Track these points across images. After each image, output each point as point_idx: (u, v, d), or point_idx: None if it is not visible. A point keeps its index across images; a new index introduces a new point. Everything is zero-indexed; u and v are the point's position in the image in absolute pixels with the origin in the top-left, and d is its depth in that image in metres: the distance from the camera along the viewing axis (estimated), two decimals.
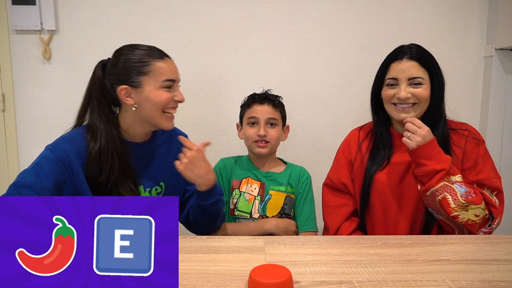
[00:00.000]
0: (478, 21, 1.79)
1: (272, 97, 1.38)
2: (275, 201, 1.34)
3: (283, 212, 1.34)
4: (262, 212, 1.33)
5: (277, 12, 1.76)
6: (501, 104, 1.79)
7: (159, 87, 1.09)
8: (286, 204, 1.35)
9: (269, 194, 1.34)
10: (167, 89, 1.11)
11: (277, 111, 1.36)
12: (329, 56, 1.79)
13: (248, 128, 1.36)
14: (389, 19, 1.78)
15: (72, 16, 1.74)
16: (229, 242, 1.02)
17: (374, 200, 1.24)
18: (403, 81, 1.18)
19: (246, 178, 1.37)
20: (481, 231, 1.15)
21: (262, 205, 1.34)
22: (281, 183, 1.36)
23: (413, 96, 1.17)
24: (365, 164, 1.27)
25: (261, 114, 1.33)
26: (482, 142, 1.23)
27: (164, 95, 1.10)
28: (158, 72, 1.09)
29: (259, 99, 1.37)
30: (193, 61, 1.78)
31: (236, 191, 1.36)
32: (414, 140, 1.13)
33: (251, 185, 1.36)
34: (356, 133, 1.36)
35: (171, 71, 1.12)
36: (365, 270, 0.85)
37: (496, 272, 0.84)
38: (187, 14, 1.75)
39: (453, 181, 1.12)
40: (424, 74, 1.19)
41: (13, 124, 1.78)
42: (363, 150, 1.30)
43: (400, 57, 1.19)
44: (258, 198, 1.34)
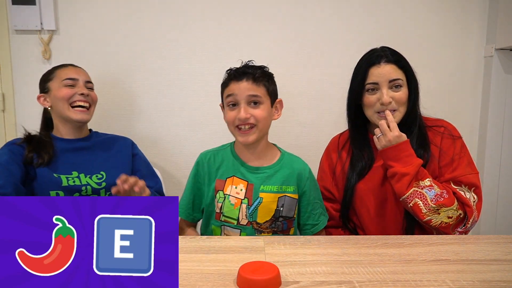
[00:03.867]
0: (478, 21, 1.79)
1: (252, 69, 1.14)
2: (266, 205, 1.15)
3: (279, 215, 1.16)
4: (251, 218, 1.15)
5: (277, 12, 1.76)
6: (501, 104, 1.79)
7: (61, 85, 1.34)
8: (282, 206, 1.16)
9: (259, 197, 1.15)
10: (68, 86, 1.34)
11: (259, 86, 1.12)
12: (329, 56, 1.79)
13: (228, 111, 1.15)
14: (389, 20, 1.78)
15: (72, 16, 1.74)
16: (229, 242, 1.02)
17: (359, 206, 1.25)
18: (384, 85, 1.17)
19: (230, 178, 1.17)
20: (457, 231, 1.15)
21: (250, 209, 1.15)
22: (274, 182, 1.16)
23: (394, 101, 1.18)
24: (346, 172, 1.28)
25: (239, 91, 1.11)
26: (459, 138, 1.23)
27: (65, 90, 1.33)
28: (60, 75, 1.36)
29: (235, 74, 1.14)
30: (192, 61, 1.78)
31: (220, 194, 1.17)
32: (381, 141, 1.16)
33: (236, 186, 1.16)
34: (336, 140, 1.36)
35: (70, 72, 1.37)
36: (365, 270, 0.85)
37: (496, 272, 0.84)
38: (187, 14, 1.75)
39: (422, 186, 1.12)
40: (402, 76, 1.19)
41: (13, 124, 1.78)
42: (343, 157, 1.30)
43: (378, 61, 1.19)
44: (245, 201, 1.14)
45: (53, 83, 1.36)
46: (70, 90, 1.34)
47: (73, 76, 1.36)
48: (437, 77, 1.80)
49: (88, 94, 1.36)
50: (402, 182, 1.12)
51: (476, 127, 1.86)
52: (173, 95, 1.80)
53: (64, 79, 1.34)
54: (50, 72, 1.39)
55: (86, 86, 1.38)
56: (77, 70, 1.40)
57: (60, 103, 1.33)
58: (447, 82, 1.83)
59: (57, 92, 1.33)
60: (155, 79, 1.79)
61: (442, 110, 1.54)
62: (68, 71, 1.37)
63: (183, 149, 1.84)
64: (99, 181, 1.33)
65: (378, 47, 1.24)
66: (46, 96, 1.37)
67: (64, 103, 1.33)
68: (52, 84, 1.36)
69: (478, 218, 1.16)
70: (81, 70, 1.41)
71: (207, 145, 1.82)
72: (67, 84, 1.34)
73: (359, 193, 1.24)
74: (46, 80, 1.38)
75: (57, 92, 1.33)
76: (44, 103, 1.38)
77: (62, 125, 1.37)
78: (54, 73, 1.37)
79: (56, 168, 1.29)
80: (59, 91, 1.33)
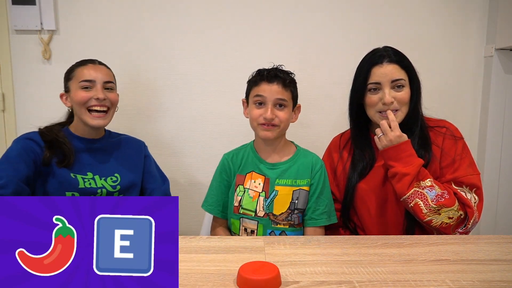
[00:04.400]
0: (478, 21, 1.79)
1: (283, 74, 1.23)
2: (282, 197, 1.23)
3: (294, 207, 1.23)
4: (268, 210, 1.23)
5: (278, 12, 1.76)
6: (501, 104, 1.79)
7: (78, 87, 1.27)
8: (297, 199, 1.23)
9: (275, 190, 1.23)
10: (84, 89, 1.27)
11: (287, 90, 1.21)
12: (329, 56, 1.79)
13: (254, 108, 1.23)
14: (390, 19, 1.78)
15: (72, 16, 1.74)
16: (229, 242, 1.02)
17: (360, 206, 1.25)
18: (386, 85, 1.17)
19: (250, 173, 1.27)
20: (457, 231, 1.15)
21: (267, 202, 1.23)
22: (288, 176, 1.24)
23: (396, 101, 1.17)
24: (347, 171, 1.28)
25: (269, 94, 1.19)
26: (460, 138, 1.22)
27: (81, 93, 1.27)
28: (78, 75, 1.28)
29: (268, 76, 1.21)
30: (193, 61, 1.79)
31: (240, 188, 1.27)
32: (382, 141, 1.16)
33: (254, 181, 1.25)
34: (337, 140, 1.36)
35: (88, 73, 1.28)
36: (365, 270, 0.85)
37: (496, 272, 0.84)
38: (187, 14, 1.76)
39: (423, 186, 1.12)
40: (404, 76, 1.19)
41: (13, 124, 1.78)
42: (344, 157, 1.31)
43: (380, 61, 1.19)
44: (262, 194, 1.24)
45: (72, 83, 1.29)
46: (86, 94, 1.27)
47: (90, 78, 1.27)
48: (437, 77, 1.80)
49: (105, 98, 1.28)
50: (403, 182, 1.12)
51: (476, 127, 1.86)
52: (173, 95, 1.80)
53: (80, 81, 1.27)
54: (71, 69, 1.31)
55: (105, 87, 1.29)
56: (96, 69, 1.30)
57: (77, 107, 1.28)
58: (447, 82, 1.83)
59: (74, 95, 1.27)
60: (154, 79, 1.79)
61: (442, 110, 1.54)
62: (86, 71, 1.28)
63: (183, 149, 1.84)
64: (114, 184, 1.32)
65: (381, 47, 1.23)
66: (67, 96, 1.32)
67: (80, 107, 1.27)
68: (71, 84, 1.29)
69: (479, 219, 1.16)
70: (101, 68, 1.31)
71: (207, 145, 1.84)
72: (83, 86, 1.27)
73: (360, 193, 1.24)
74: (67, 79, 1.32)
75: (74, 95, 1.27)
76: (66, 102, 1.33)
77: (81, 125, 1.31)
78: (74, 72, 1.30)
79: (72, 167, 1.26)
80: (76, 94, 1.27)
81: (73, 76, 1.29)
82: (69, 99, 1.31)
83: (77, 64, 1.32)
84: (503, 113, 1.80)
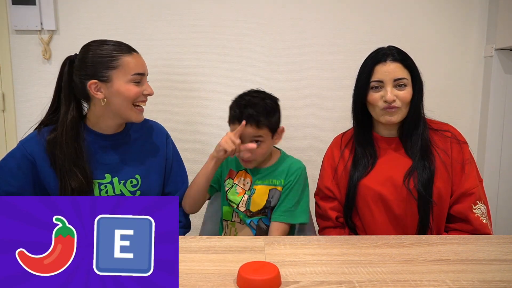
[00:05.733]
0: (478, 21, 1.79)
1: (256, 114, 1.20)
2: (258, 195, 1.28)
3: (268, 205, 1.28)
4: (247, 207, 1.29)
5: (277, 12, 1.76)
6: (501, 104, 1.79)
7: (128, 81, 1.12)
8: (272, 197, 1.28)
9: (253, 188, 1.29)
10: (136, 83, 1.13)
11: (262, 128, 1.21)
12: (329, 56, 1.79)
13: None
14: (389, 19, 1.78)
15: (72, 16, 1.74)
16: (229, 242, 1.02)
17: (361, 205, 1.25)
18: (389, 83, 1.17)
19: (242, 171, 1.33)
20: None
21: (249, 199, 1.29)
22: (267, 177, 1.30)
23: (397, 99, 1.18)
24: (349, 170, 1.28)
25: (244, 136, 1.21)
26: (465, 143, 1.23)
27: (133, 89, 1.12)
28: (127, 66, 1.11)
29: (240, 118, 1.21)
30: (192, 61, 1.78)
31: (229, 181, 1.34)
32: None
33: (244, 179, 1.32)
34: (338, 140, 1.36)
35: (139, 65, 1.14)
36: (365, 270, 0.85)
37: (496, 272, 0.84)
38: (187, 14, 1.76)
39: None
40: (407, 75, 1.19)
41: (13, 124, 1.78)
42: (346, 156, 1.30)
43: (384, 59, 1.19)
44: (248, 193, 1.30)
45: (117, 73, 1.10)
46: (138, 89, 1.13)
47: (142, 71, 1.14)
48: (437, 77, 1.80)
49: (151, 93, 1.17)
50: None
51: (476, 127, 1.86)
52: (173, 94, 1.80)
53: (133, 74, 1.12)
54: (111, 57, 1.11)
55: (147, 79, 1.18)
56: (142, 60, 1.16)
57: (123, 101, 1.12)
58: (447, 82, 1.83)
59: (124, 89, 1.11)
60: (154, 79, 1.79)
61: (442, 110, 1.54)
62: (137, 62, 1.13)
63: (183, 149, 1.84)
64: (133, 189, 1.21)
65: (385, 46, 1.24)
66: (102, 86, 1.11)
67: (128, 103, 1.13)
68: (116, 74, 1.10)
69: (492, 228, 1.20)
70: (142, 58, 1.18)
71: (207, 145, 1.83)
72: (136, 80, 1.12)
73: (362, 191, 1.24)
74: (107, 66, 1.10)
75: (124, 89, 1.11)
76: (96, 93, 1.11)
77: (107, 120, 1.17)
78: (120, 60, 1.11)
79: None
80: (127, 88, 1.11)
81: (120, 65, 1.11)
82: (103, 89, 1.11)
83: (117, 50, 1.13)
84: (503, 113, 1.80)
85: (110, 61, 1.11)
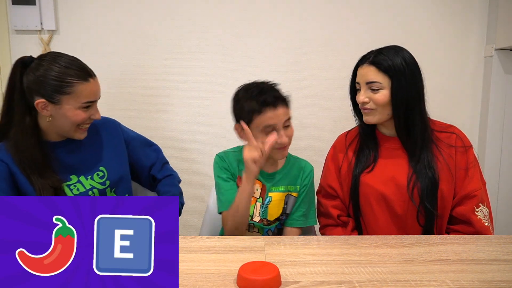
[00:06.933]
0: (478, 21, 1.79)
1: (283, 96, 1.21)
2: (275, 203, 1.25)
3: (285, 212, 1.27)
4: (263, 215, 1.25)
5: (278, 12, 1.77)
6: (501, 104, 1.79)
7: (78, 107, 1.12)
8: (287, 204, 1.26)
9: (269, 196, 1.25)
10: (85, 109, 1.13)
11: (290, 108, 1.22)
12: (329, 56, 1.79)
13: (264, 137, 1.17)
14: (390, 19, 1.78)
15: (72, 16, 1.74)
16: (229, 242, 1.02)
17: (364, 205, 1.25)
18: (363, 86, 1.19)
19: None
20: None
21: (263, 208, 1.25)
22: (281, 182, 1.27)
23: (371, 101, 1.18)
24: (352, 168, 1.28)
25: (278, 119, 1.16)
26: (470, 147, 1.23)
27: (81, 114, 1.13)
28: (80, 94, 1.11)
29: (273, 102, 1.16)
30: (192, 61, 1.79)
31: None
32: None
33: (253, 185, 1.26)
34: (343, 138, 1.36)
35: (92, 92, 1.14)
36: (365, 270, 0.85)
37: (496, 272, 0.84)
38: (187, 14, 1.76)
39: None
40: (382, 79, 1.17)
41: None
42: (350, 154, 1.30)
43: (362, 62, 1.21)
44: (259, 200, 1.25)
45: (68, 99, 1.10)
46: (86, 114, 1.14)
47: (94, 98, 1.15)
48: (437, 77, 1.81)
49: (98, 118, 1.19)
50: None
51: (476, 127, 1.86)
52: (173, 94, 1.80)
53: (84, 102, 1.12)
54: (66, 82, 1.09)
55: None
56: (97, 86, 1.16)
57: (69, 124, 1.13)
58: (447, 82, 1.83)
59: (71, 114, 1.11)
60: (154, 78, 1.80)
61: (442, 110, 1.55)
62: (90, 90, 1.13)
63: (184, 149, 1.84)
64: (102, 180, 1.22)
65: (375, 49, 1.23)
66: (50, 106, 1.10)
67: (73, 125, 1.14)
68: (66, 99, 1.10)
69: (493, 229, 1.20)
70: (98, 82, 1.17)
71: (207, 145, 1.84)
72: (86, 106, 1.13)
73: (365, 190, 1.24)
74: (58, 91, 1.09)
75: (71, 114, 1.11)
76: (42, 110, 1.11)
77: (52, 133, 1.18)
78: (74, 87, 1.09)
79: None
80: (75, 113, 1.12)
81: (73, 92, 1.09)
82: (51, 109, 1.11)
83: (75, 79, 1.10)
84: (503, 113, 1.80)
85: (63, 86, 1.09)
